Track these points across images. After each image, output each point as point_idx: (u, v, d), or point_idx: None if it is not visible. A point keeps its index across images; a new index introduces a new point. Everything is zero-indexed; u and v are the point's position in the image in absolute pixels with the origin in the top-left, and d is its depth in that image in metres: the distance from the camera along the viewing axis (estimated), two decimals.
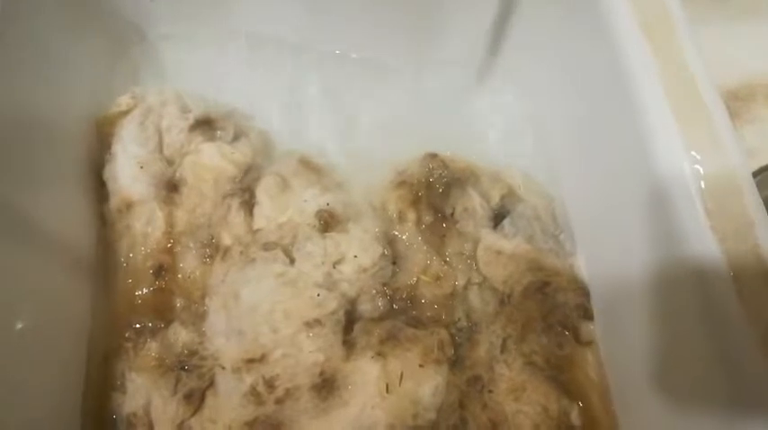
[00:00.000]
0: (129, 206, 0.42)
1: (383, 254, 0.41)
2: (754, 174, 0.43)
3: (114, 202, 0.42)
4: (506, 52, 0.45)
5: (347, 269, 0.40)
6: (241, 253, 0.41)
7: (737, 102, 0.45)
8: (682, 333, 0.31)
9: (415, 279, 0.41)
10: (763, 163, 0.44)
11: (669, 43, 0.34)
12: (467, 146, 0.45)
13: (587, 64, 0.39)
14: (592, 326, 0.39)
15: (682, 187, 0.31)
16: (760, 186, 0.42)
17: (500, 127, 0.46)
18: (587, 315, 0.39)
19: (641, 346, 0.34)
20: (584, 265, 0.41)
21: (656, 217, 0.33)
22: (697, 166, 0.30)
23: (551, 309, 0.38)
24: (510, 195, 0.43)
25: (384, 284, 0.41)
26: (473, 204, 0.42)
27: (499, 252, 0.40)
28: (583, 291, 0.39)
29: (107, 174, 0.42)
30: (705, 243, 0.29)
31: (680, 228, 0.30)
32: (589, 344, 0.38)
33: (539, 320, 0.38)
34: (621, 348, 0.37)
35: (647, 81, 0.34)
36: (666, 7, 0.35)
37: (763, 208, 0.31)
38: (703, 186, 0.30)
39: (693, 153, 0.31)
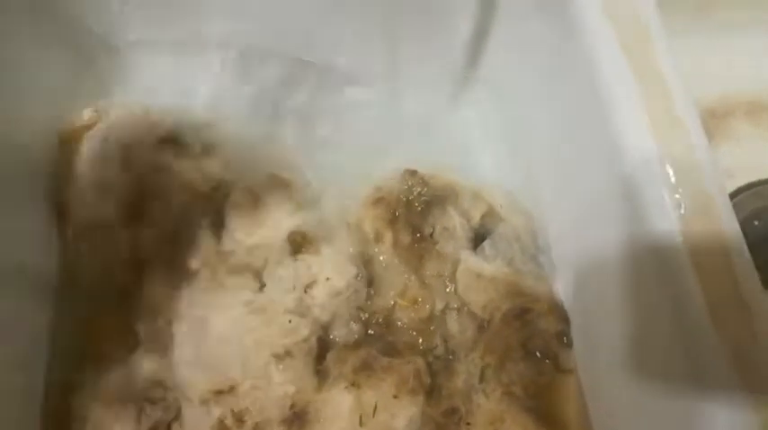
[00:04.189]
0: (91, 226, 0.40)
1: (358, 276, 0.40)
2: (732, 196, 0.43)
3: (76, 223, 0.40)
4: (484, 65, 0.44)
5: (320, 293, 0.39)
6: (209, 277, 0.39)
7: (715, 119, 0.44)
8: (660, 354, 0.31)
9: (391, 302, 0.40)
10: (741, 183, 0.43)
11: (646, 58, 0.34)
12: (446, 161, 0.44)
13: (565, 78, 0.38)
14: (572, 354, 0.38)
15: (659, 207, 0.30)
16: (738, 208, 0.42)
17: (479, 141, 0.45)
18: (567, 342, 0.38)
19: (620, 374, 0.34)
20: (562, 288, 0.40)
21: (632, 235, 0.32)
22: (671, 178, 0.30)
23: (531, 336, 0.37)
24: (490, 214, 0.42)
25: (359, 308, 0.39)
26: (453, 224, 0.41)
27: (479, 275, 0.39)
28: (563, 317, 0.38)
29: (69, 192, 0.40)
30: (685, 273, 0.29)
31: (657, 247, 0.30)
32: (569, 372, 0.37)
33: (518, 348, 0.37)
34: (601, 375, 0.36)
35: (624, 98, 0.33)
36: (644, 22, 0.35)
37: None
38: (682, 211, 0.30)
39: (668, 169, 0.30)
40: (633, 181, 0.31)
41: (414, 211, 0.42)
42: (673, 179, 0.30)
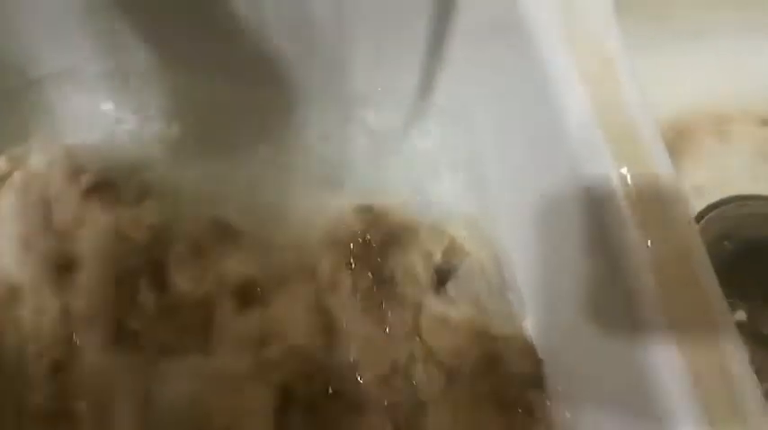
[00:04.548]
0: (13, 294, 0.36)
1: (315, 328, 0.37)
2: (698, 216, 0.41)
3: None
4: (440, 92, 0.41)
5: (275, 351, 0.36)
6: (152, 339, 0.36)
7: (681, 136, 0.42)
8: None
9: (352, 355, 0.37)
10: (709, 201, 0.42)
11: (607, 86, 0.32)
12: (402, 193, 0.41)
13: (523, 103, 0.36)
14: (545, 398, 0.36)
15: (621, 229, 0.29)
16: (706, 229, 0.40)
17: (437, 170, 0.42)
18: (540, 385, 0.36)
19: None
20: (532, 323, 0.38)
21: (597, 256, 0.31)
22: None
23: (503, 384, 0.35)
24: (452, 249, 0.40)
25: (317, 365, 0.36)
26: (413, 265, 0.38)
27: (444, 320, 0.37)
28: (535, 359, 0.36)
29: None
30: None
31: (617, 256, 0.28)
32: (542, 418, 0.35)
33: (490, 399, 0.35)
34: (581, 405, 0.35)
35: (584, 126, 0.31)
36: (604, 46, 0.33)
37: None
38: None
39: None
40: (595, 204, 0.30)
41: (371, 253, 0.39)
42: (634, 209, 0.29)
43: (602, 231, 0.30)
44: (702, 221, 0.41)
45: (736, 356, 0.27)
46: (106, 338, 0.36)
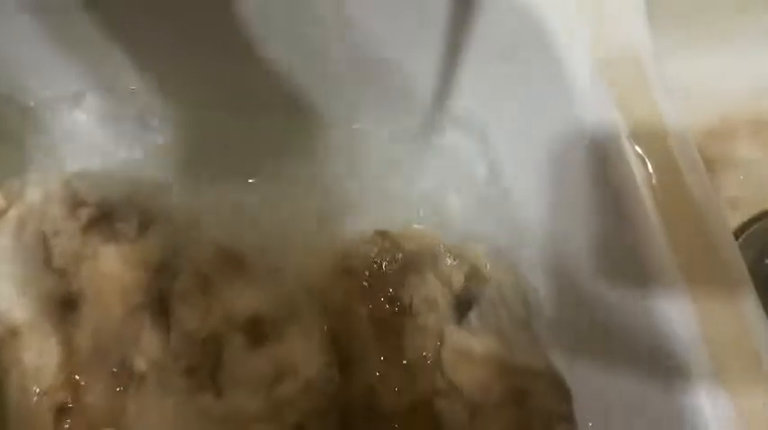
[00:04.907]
0: (13, 335, 0.34)
1: (330, 362, 0.35)
2: (737, 233, 0.39)
3: None
4: (456, 109, 0.38)
5: (288, 389, 0.34)
6: (160, 381, 0.34)
7: (716, 144, 0.40)
8: None
9: (370, 391, 0.35)
10: (746, 216, 0.39)
11: (635, 88, 0.29)
12: (420, 216, 0.39)
13: (545, 115, 0.34)
14: None
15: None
16: (744, 246, 0.38)
17: (454, 191, 0.40)
18: (569, 419, 0.34)
19: None
20: (558, 354, 0.36)
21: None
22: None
23: (530, 418, 0.33)
24: (474, 275, 0.37)
25: (333, 400, 0.35)
26: (433, 293, 0.36)
27: (467, 353, 0.35)
28: (563, 394, 0.34)
29: None
30: None
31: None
32: None
33: None
34: None
35: (612, 134, 0.29)
36: (631, 45, 0.30)
37: None
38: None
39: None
40: (626, 220, 0.28)
41: (388, 280, 0.37)
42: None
43: (633, 254, 0.28)
44: (740, 239, 0.38)
45: (752, 315, 0.25)
46: (111, 379, 0.34)
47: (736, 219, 0.38)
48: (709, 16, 0.38)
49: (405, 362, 0.36)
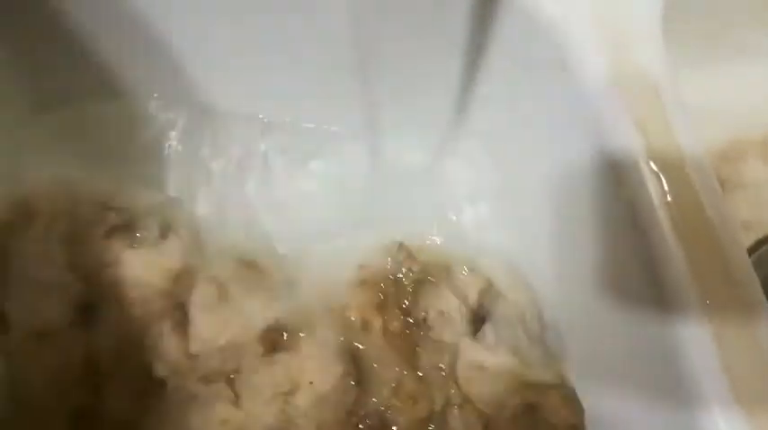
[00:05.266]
0: (37, 337, 0.35)
1: (345, 373, 0.35)
2: (750, 251, 0.39)
3: (17, 334, 0.35)
4: (472, 123, 0.39)
5: (303, 400, 0.34)
6: (179, 386, 0.34)
7: (728, 165, 0.40)
8: None
9: (385, 402, 0.35)
10: (759, 235, 0.39)
11: (651, 111, 0.30)
12: (435, 228, 0.40)
13: (560, 133, 0.34)
14: None
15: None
16: (757, 265, 0.38)
17: (469, 204, 0.40)
18: None
19: None
20: (572, 369, 0.36)
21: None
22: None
23: None
24: (489, 291, 0.38)
25: (349, 412, 0.35)
26: (449, 307, 0.37)
27: (481, 367, 0.35)
28: (576, 409, 0.34)
29: (6, 299, 0.35)
30: None
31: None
32: None
33: None
34: None
35: (629, 153, 0.29)
36: (647, 69, 0.31)
37: None
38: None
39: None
40: (643, 240, 0.28)
41: (404, 293, 0.37)
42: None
43: (653, 273, 0.28)
44: (752, 258, 0.38)
45: None
46: (131, 384, 0.35)
47: (748, 239, 0.39)
48: (725, 30, 0.39)
49: (420, 374, 0.36)
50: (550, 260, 0.38)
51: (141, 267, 0.36)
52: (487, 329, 0.36)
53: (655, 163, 0.29)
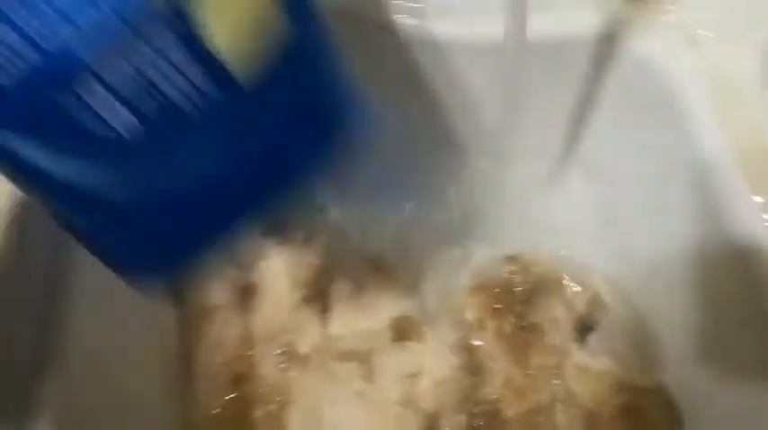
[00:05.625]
0: (205, 312, 0.42)
1: (461, 365, 0.40)
2: None
3: (190, 309, 0.42)
4: (585, 145, 0.44)
5: (424, 383, 0.39)
6: (319, 363, 0.40)
7: None
8: None
9: (497, 393, 0.40)
10: None
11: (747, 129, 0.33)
12: (546, 243, 0.44)
13: (665, 156, 0.38)
14: None
15: None
16: None
17: (579, 224, 0.45)
18: None
19: None
20: (672, 380, 0.39)
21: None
22: None
23: None
24: (595, 303, 0.42)
25: (463, 399, 0.39)
26: (557, 315, 0.41)
27: (586, 369, 0.39)
28: (675, 416, 0.37)
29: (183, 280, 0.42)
30: None
31: None
32: None
33: None
34: None
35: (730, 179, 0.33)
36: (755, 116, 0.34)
37: None
38: None
39: None
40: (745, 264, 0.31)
41: (516, 300, 0.42)
42: None
43: (753, 290, 0.31)
44: None
45: None
46: (279, 357, 0.41)
47: None
48: None
49: (529, 372, 0.40)
50: (657, 281, 0.40)
51: (289, 261, 0.43)
52: (592, 339, 0.40)
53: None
